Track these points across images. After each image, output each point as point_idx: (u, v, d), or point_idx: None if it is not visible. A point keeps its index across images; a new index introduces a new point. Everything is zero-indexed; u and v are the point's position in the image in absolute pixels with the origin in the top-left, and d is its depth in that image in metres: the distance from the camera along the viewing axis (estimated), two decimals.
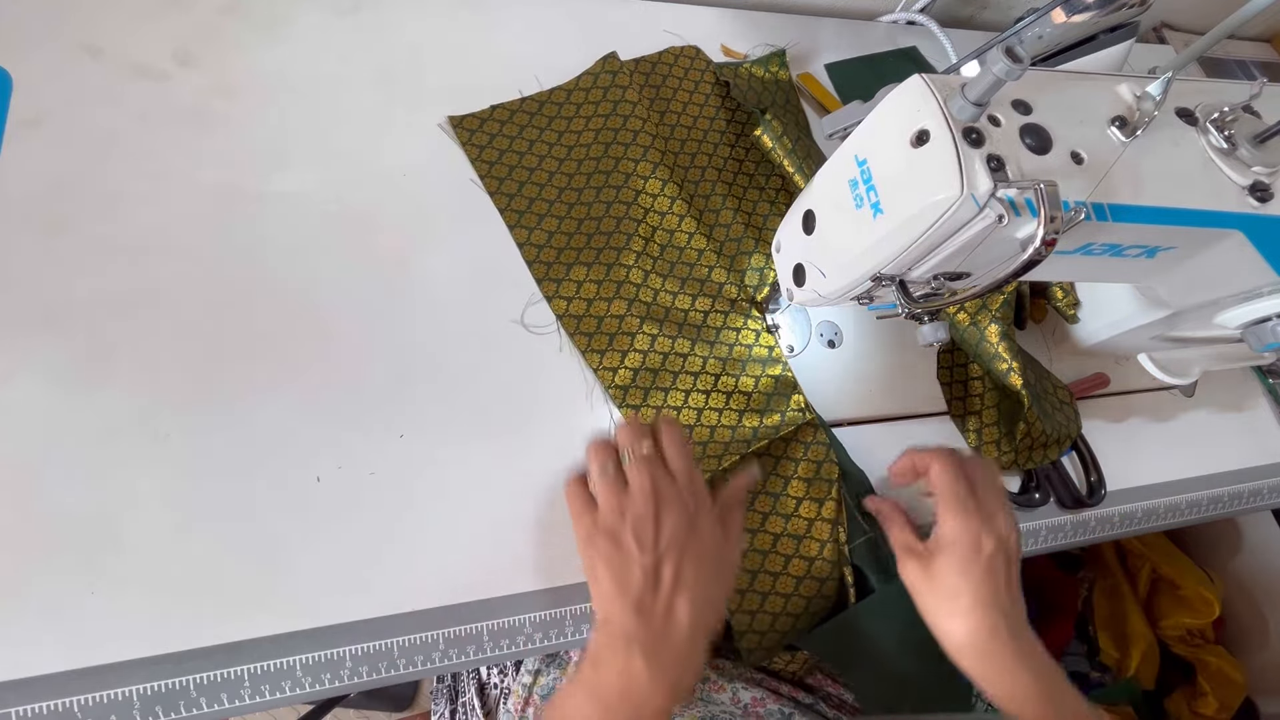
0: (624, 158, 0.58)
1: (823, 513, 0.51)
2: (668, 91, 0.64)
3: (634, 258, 0.55)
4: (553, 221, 0.56)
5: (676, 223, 0.57)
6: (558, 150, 0.59)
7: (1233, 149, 0.38)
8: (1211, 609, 0.94)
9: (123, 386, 0.45)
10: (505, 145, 0.58)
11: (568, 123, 0.60)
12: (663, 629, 0.38)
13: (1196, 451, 0.62)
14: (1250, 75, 0.89)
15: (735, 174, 0.62)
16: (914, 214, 0.36)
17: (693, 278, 0.56)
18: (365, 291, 0.51)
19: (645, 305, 0.53)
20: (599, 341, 0.52)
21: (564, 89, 0.61)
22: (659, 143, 0.59)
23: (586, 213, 0.57)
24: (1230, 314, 0.43)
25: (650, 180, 0.57)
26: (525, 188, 0.57)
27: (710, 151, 0.62)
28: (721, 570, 0.42)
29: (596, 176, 0.58)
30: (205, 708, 0.40)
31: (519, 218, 0.56)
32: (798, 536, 0.50)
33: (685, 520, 0.41)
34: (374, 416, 0.48)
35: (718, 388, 0.53)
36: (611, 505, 0.41)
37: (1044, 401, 0.54)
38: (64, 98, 0.52)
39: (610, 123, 0.60)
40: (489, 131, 0.58)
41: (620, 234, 0.56)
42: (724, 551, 0.42)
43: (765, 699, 0.51)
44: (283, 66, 0.57)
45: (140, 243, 0.49)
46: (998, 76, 0.32)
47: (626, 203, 0.57)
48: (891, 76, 0.38)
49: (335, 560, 0.44)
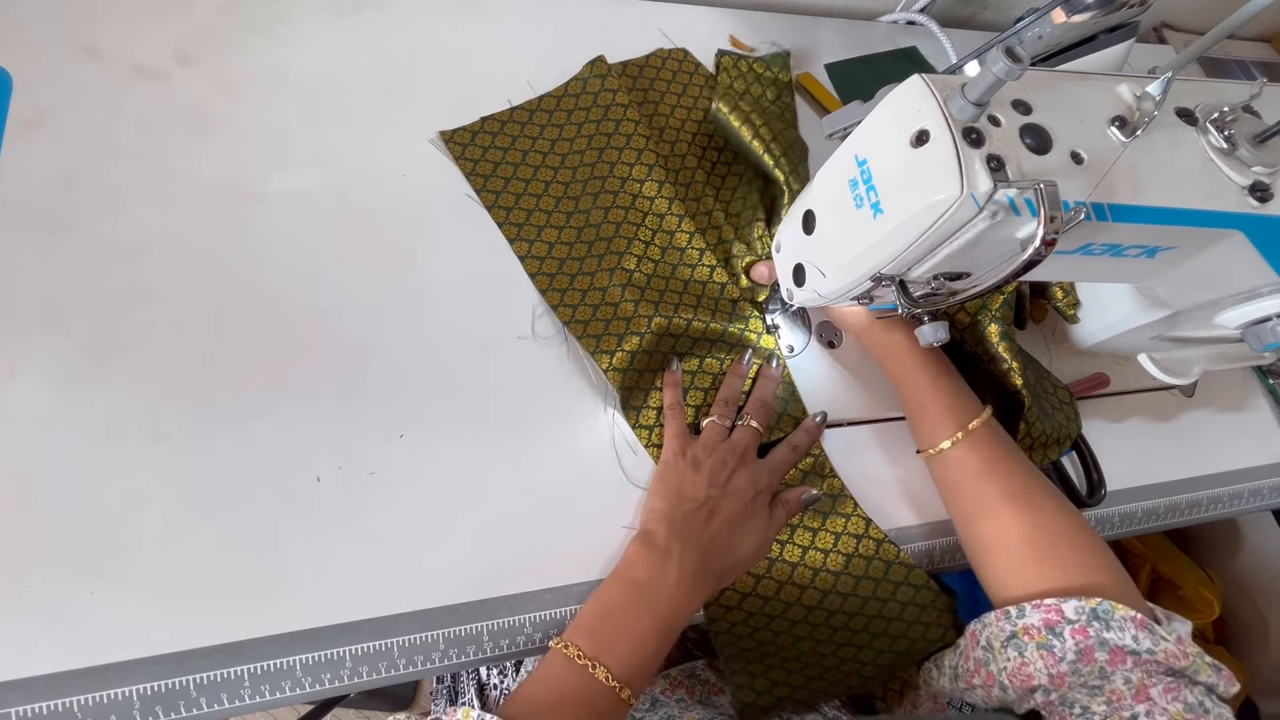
0: (619, 161, 0.58)
1: (816, 542, 0.50)
2: (655, 95, 0.63)
3: (635, 261, 0.54)
4: (552, 232, 0.56)
5: (676, 223, 0.56)
6: (551, 159, 0.59)
7: (1233, 149, 0.38)
8: (1211, 609, 0.94)
9: (123, 386, 0.45)
10: (499, 158, 0.57)
11: (559, 130, 0.60)
12: (682, 554, 0.44)
13: (1196, 451, 0.62)
14: (1250, 75, 0.89)
15: (724, 176, 0.62)
16: (914, 214, 0.35)
17: (694, 279, 0.55)
18: (366, 291, 0.51)
19: (652, 304, 0.53)
20: (608, 342, 0.51)
21: (553, 96, 0.61)
22: (652, 144, 0.59)
23: (585, 220, 0.56)
24: (1230, 314, 0.43)
25: (647, 183, 0.57)
26: (522, 199, 0.57)
27: (699, 154, 0.62)
28: (747, 545, 0.47)
29: (593, 183, 0.58)
30: (205, 708, 0.40)
31: (518, 230, 0.55)
32: (792, 564, 0.50)
33: (750, 487, 0.48)
34: (374, 416, 0.48)
35: (716, 386, 0.53)
36: (710, 442, 0.49)
37: (1044, 401, 0.54)
38: (64, 98, 0.52)
39: (603, 127, 0.59)
40: (481, 145, 0.57)
41: (620, 238, 0.55)
42: (760, 532, 0.48)
43: None
44: (283, 66, 0.57)
45: (140, 243, 0.49)
46: (998, 76, 0.32)
47: (624, 207, 0.56)
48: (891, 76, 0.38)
49: (335, 560, 0.44)
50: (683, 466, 0.48)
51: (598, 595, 0.44)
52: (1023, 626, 0.42)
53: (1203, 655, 0.39)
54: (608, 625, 0.42)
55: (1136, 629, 0.39)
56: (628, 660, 0.41)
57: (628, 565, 0.45)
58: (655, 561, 0.44)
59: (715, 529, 0.46)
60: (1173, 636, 0.39)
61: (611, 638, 0.41)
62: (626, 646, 0.41)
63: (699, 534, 0.45)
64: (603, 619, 0.42)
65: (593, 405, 0.51)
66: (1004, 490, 0.47)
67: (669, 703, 0.50)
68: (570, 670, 0.40)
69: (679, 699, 0.51)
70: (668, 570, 0.43)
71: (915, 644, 0.49)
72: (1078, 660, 0.40)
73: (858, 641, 0.49)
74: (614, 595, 0.43)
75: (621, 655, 0.41)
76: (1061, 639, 0.40)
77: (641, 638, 0.42)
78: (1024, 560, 0.45)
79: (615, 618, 0.42)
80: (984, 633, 0.44)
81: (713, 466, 0.48)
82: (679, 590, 0.43)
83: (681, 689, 0.52)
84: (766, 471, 0.49)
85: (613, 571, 0.45)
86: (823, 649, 0.48)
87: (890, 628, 0.49)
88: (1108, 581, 0.43)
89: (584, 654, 0.40)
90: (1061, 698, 0.41)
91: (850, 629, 0.49)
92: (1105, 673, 0.40)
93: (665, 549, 0.44)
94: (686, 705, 0.50)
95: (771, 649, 0.48)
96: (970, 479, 0.48)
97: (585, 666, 0.40)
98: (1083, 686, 0.40)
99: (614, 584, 0.44)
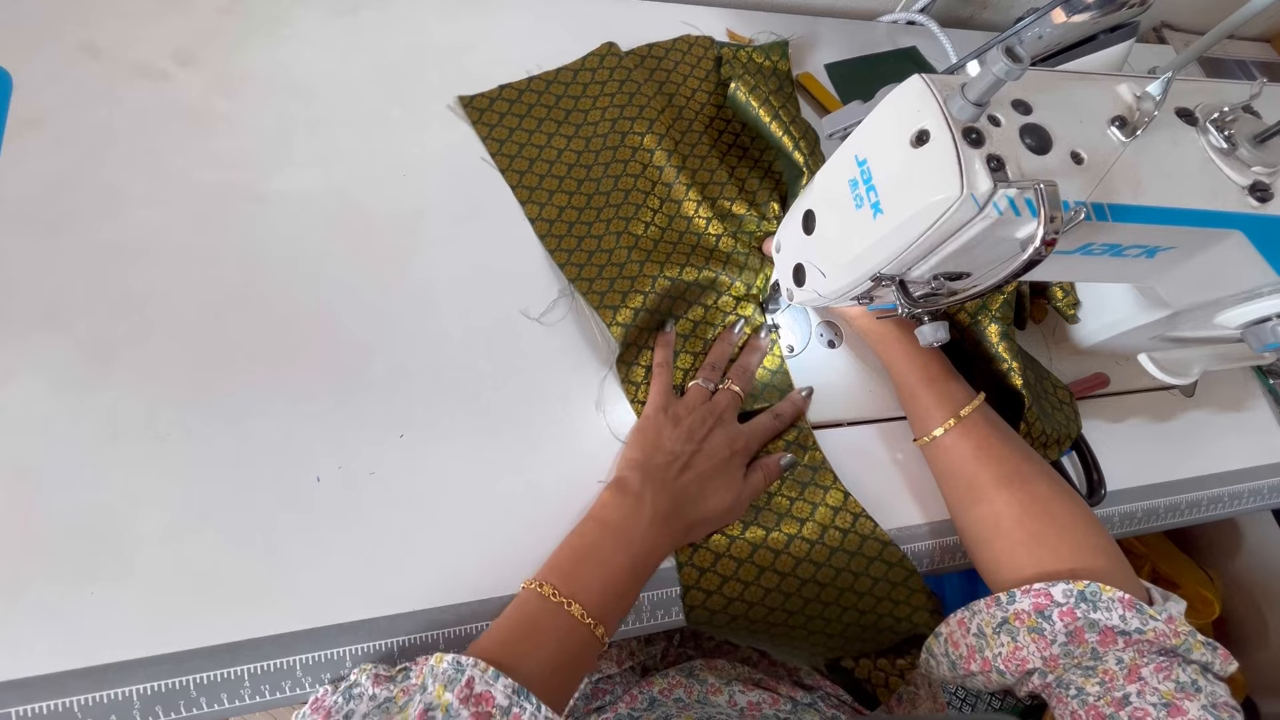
0: (630, 131, 0.59)
1: (804, 532, 0.50)
2: (678, 76, 0.64)
3: (642, 227, 0.56)
4: (563, 197, 0.57)
5: (684, 192, 0.58)
6: (565, 128, 0.60)
7: (1233, 149, 0.38)
8: (1211, 609, 0.94)
9: (123, 386, 0.45)
10: (514, 124, 0.59)
11: (575, 101, 0.62)
12: (654, 498, 0.45)
13: (1196, 451, 0.62)
14: (1250, 75, 0.89)
15: (740, 157, 0.63)
16: (914, 214, 0.35)
17: (701, 245, 0.57)
18: (365, 290, 0.51)
19: (658, 264, 0.54)
20: (612, 298, 0.53)
21: (570, 69, 0.63)
22: (666, 116, 0.60)
23: (596, 188, 0.58)
24: (1230, 314, 0.43)
25: (657, 152, 0.58)
26: (535, 164, 0.58)
27: (715, 135, 0.63)
28: (718, 500, 0.47)
29: (605, 153, 0.59)
30: (205, 708, 0.40)
31: (530, 194, 0.57)
32: (767, 528, 0.50)
33: (726, 446, 0.49)
34: (374, 416, 0.48)
35: (705, 352, 0.54)
36: (692, 402, 0.50)
37: (1044, 401, 0.54)
38: (64, 98, 0.52)
39: (617, 99, 0.61)
40: (498, 111, 0.59)
41: (629, 204, 0.57)
42: (733, 490, 0.48)
43: (763, 702, 0.51)
44: (282, 66, 0.57)
45: (140, 243, 0.49)
46: (998, 76, 0.32)
47: (634, 175, 0.58)
48: (891, 76, 0.38)
49: (335, 560, 0.44)
50: (663, 421, 0.49)
51: (569, 538, 0.45)
52: (1013, 612, 0.42)
53: (1195, 634, 0.39)
54: (581, 565, 0.43)
55: (1125, 609, 0.39)
56: (601, 598, 0.41)
57: (601, 507, 0.46)
58: (629, 505, 0.45)
59: (687, 481, 0.46)
60: (1163, 616, 0.39)
61: (585, 576, 0.42)
62: (600, 585, 0.42)
63: (671, 484, 0.46)
64: (576, 559, 0.43)
65: (594, 405, 0.51)
66: (997, 475, 0.47)
67: (667, 702, 0.50)
68: (545, 607, 0.40)
69: (677, 699, 0.51)
70: (640, 513, 0.44)
71: (882, 619, 0.50)
72: (1069, 642, 0.40)
73: (826, 606, 0.49)
74: (587, 536, 0.44)
75: (596, 593, 0.41)
76: (1051, 622, 0.41)
77: (615, 576, 0.42)
78: (1016, 545, 0.45)
79: (589, 557, 0.43)
80: (974, 620, 0.44)
81: (691, 424, 0.49)
82: (651, 531, 0.44)
83: (680, 689, 0.52)
84: (745, 434, 0.50)
85: (585, 515, 0.46)
86: (790, 604, 0.49)
87: (861, 602, 0.49)
88: (1102, 564, 0.43)
89: (559, 592, 0.41)
90: (1058, 679, 0.41)
91: (821, 600, 0.49)
92: (1098, 654, 0.40)
93: (638, 494, 0.45)
94: (685, 705, 0.50)
95: (740, 605, 0.48)
96: (964, 464, 0.48)
97: (560, 604, 0.40)
98: (1077, 667, 0.40)
99: (587, 525, 0.45)
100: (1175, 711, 0.36)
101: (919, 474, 0.54)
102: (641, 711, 0.49)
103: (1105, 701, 0.38)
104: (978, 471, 0.48)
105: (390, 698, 0.37)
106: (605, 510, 0.45)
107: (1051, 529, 0.45)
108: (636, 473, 0.46)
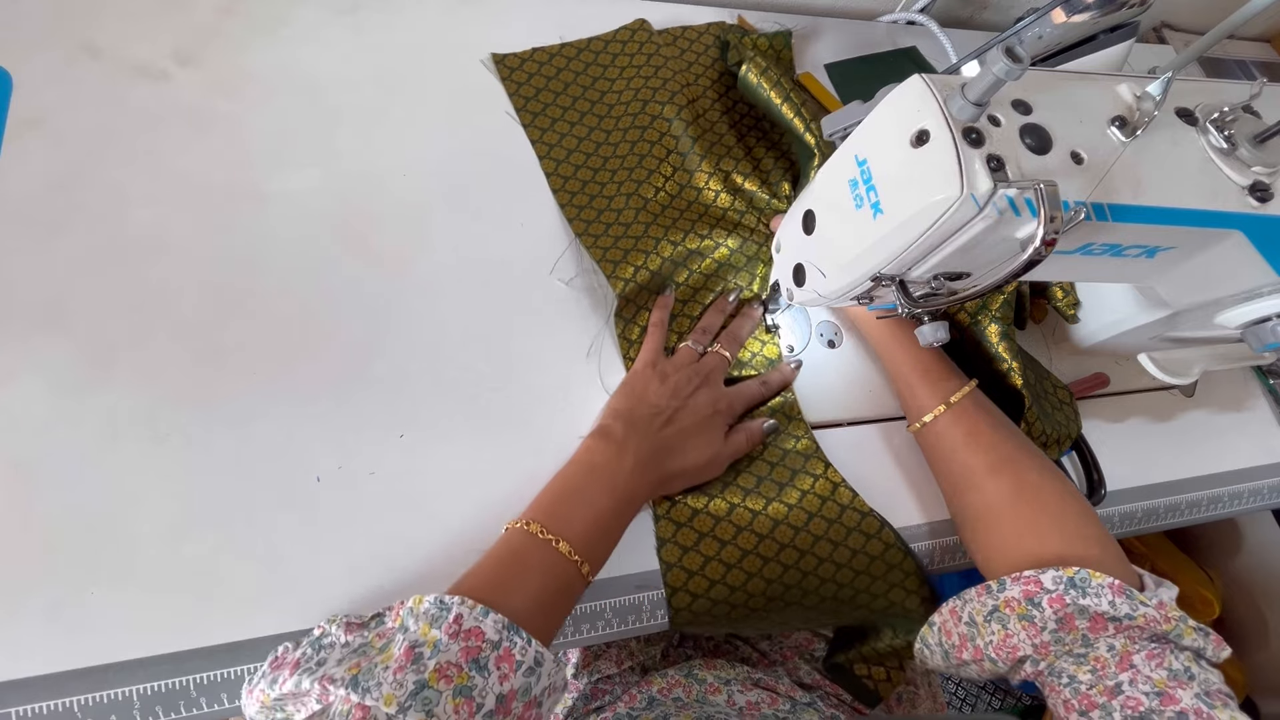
0: (652, 100, 0.61)
1: (783, 496, 0.50)
2: (701, 57, 0.66)
3: (653, 191, 0.58)
4: (580, 156, 0.60)
5: (697, 162, 0.59)
6: (591, 93, 0.63)
7: (1233, 149, 0.38)
8: (1211, 609, 0.94)
9: (123, 386, 0.45)
10: (542, 84, 0.62)
11: (603, 69, 0.64)
12: (637, 445, 0.46)
13: (1196, 451, 0.62)
14: (1250, 75, 0.89)
15: (758, 140, 0.64)
16: (914, 214, 0.35)
17: (709, 215, 0.58)
18: (365, 290, 0.51)
19: (663, 229, 0.56)
20: (615, 254, 0.54)
21: (601, 39, 0.65)
22: (690, 91, 0.62)
23: (613, 151, 0.60)
24: (1230, 314, 0.43)
25: (675, 122, 0.60)
26: (557, 124, 0.61)
27: (736, 118, 0.65)
28: (697, 454, 0.48)
29: (625, 119, 0.61)
30: (205, 708, 0.40)
31: (549, 149, 0.60)
32: (754, 511, 0.50)
33: (709, 405, 0.49)
34: (374, 416, 0.48)
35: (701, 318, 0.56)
36: (681, 361, 0.52)
37: (1044, 401, 0.54)
38: (64, 98, 0.52)
39: (643, 72, 0.63)
40: (528, 70, 0.62)
41: (642, 169, 0.59)
42: (713, 447, 0.49)
43: (761, 702, 0.51)
44: (283, 66, 0.57)
45: (140, 243, 0.49)
46: (998, 76, 0.32)
47: (651, 141, 0.60)
48: (891, 76, 0.38)
49: (335, 560, 0.44)
50: (650, 376, 0.50)
51: (553, 482, 0.45)
52: (1004, 600, 0.42)
53: (1186, 619, 0.39)
54: (566, 504, 0.43)
55: (1114, 594, 0.39)
56: (586, 537, 0.42)
57: (585, 451, 0.47)
58: (611, 450, 0.46)
59: (669, 434, 0.47)
60: (1153, 601, 0.39)
61: (571, 515, 0.43)
62: (584, 524, 0.42)
63: (653, 435, 0.47)
64: (561, 499, 0.44)
65: (595, 405, 0.51)
66: (989, 461, 0.47)
67: (666, 702, 0.50)
68: (532, 544, 0.41)
69: (676, 698, 0.51)
70: (623, 458, 0.45)
71: (859, 595, 0.49)
72: (1059, 629, 0.40)
73: (805, 575, 0.49)
74: (571, 479, 0.45)
75: (580, 532, 0.42)
76: (1041, 609, 0.40)
77: (599, 515, 0.43)
78: (1007, 532, 0.45)
79: (573, 498, 0.44)
80: (965, 609, 0.44)
81: (678, 381, 0.50)
82: (632, 477, 0.45)
83: (678, 688, 0.52)
84: (729, 396, 0.51)
85: (569, 461, 0.47)
86: (768, 572, 0.48)
87: (839, 574, 0.49)
88: (1094, 552, 0.43)
89: (546, 530, 0.41)
90: (1049, 667, 0.41)
91: (800, 569, 0.49)
92: (1089, 640, 0.39)
93: (621, 442, 0.46)
94: (683, 704, 0.50)
95: (717, 566, 0.48)
96: (955, 450, 0.49)
97: (548, 541, 0.41)
98: (1068, 655, 0.40)
99: (571, 469, 0.46)
100: (1168, 700, 0.36)
101: (919, 474, 0.54)
102: (640, 711, 0.49)
103: (1098, 690, 0.37)
104: (969, 458, 0.48)
105: (365, 642, 0.37)
106: (589, 454, 0.46)
107: (1043, 516, 0.45)
108: (620, 422, 0.47)
